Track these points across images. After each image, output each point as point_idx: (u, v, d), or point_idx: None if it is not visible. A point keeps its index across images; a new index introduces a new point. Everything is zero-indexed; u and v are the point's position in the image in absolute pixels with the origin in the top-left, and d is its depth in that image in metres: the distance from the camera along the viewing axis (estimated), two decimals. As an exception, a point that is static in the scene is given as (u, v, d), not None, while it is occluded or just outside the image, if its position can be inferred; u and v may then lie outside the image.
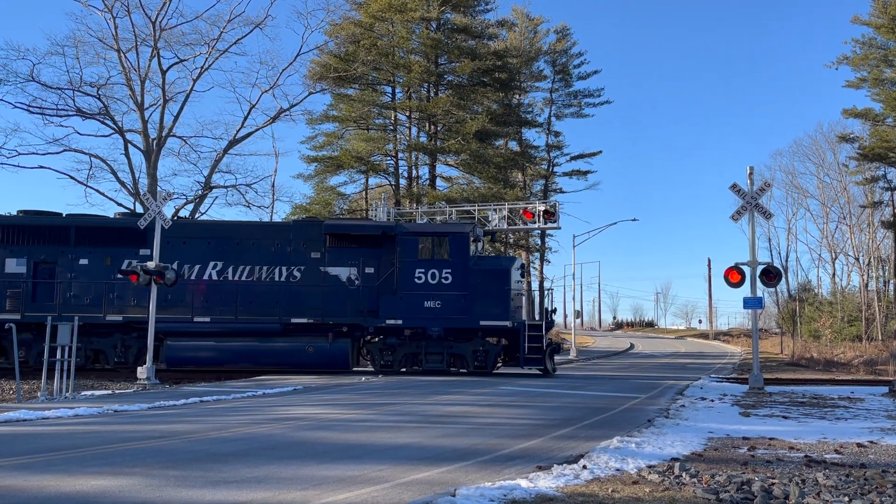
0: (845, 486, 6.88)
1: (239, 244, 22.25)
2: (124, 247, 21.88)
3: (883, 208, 50.53)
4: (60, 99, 34.50)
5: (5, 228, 21.75)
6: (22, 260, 21.61)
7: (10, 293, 21.31)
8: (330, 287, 21.92)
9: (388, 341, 22.08)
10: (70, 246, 21.85)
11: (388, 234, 21.98)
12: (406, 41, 39.50)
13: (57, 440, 9.24)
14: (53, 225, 21.95)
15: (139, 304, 21.38)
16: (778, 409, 14.10)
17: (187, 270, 21.95)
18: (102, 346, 21.77)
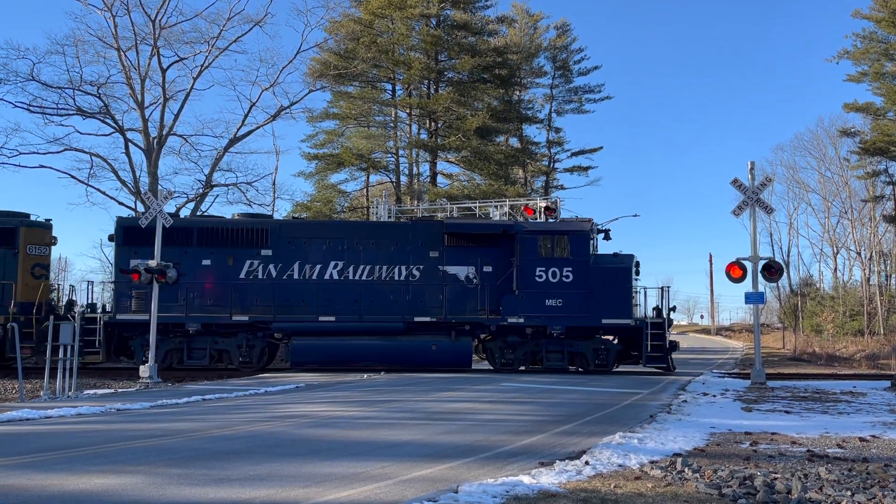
0: (848, 481, 6.89)
1: (359, 244, 22.32)
2: (245, 247, 22.03)
3: (884, 202, 50.45)
4: (61, 98, 34.46)
5: (129, 230, 21.84)
6: (146, 261, 21.58)
7: (136, 294, 21.43)
8: (449, 286, 22.01)
9: (509, 340, 22.04)
10: (192, 247, 21.96)
11: (508, 233, 21.94)
12: (406, 38, 39.43)
13: (60, 439, 9.26)
14: (177, 226, 21.98)
15: (262, 304, 21.69)
16: (780, 403, 14.11)
17: (308, 270, 22.06)
18: (227, 346, 21.87)
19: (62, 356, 15.83)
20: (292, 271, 22.00)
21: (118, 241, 21.96)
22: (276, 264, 22.00)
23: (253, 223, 22.45)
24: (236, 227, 22.37)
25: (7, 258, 21.67)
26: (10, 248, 21.79)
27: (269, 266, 21.95)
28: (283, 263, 21.99)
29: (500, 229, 22.28)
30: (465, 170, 43.09)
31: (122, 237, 21.93)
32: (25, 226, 22.34)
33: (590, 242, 22.12)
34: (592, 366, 21.78)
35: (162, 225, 20.18)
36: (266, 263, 21.93)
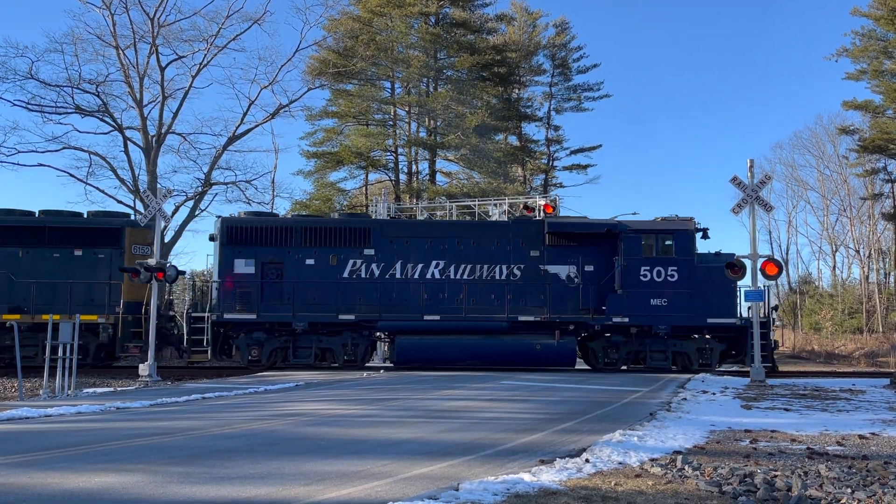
0: (848, 478, 6.89)
1: (459, 243, 22.33)
2: (348, 247, 22.09)
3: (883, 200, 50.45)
4: (59, 96, 34.41)
5: (232, 230, 21.96)
6: (250, 261, 21.81)
7: (241, 293, 21.57)
8: (550, 285, 21.98)
9: (613, 339, 21.98)
10: (295, 246, 22.00)
11: (612, 232, 21.86)
12: (405, 36, 39.40)
13: (59, 438, 9.25)
14: (280, 226, 22.17)
15: (365, 303, 21.79)
16: (779, 401, 14.12)
17: (410, 269, 22.13)
18: (331, 344, 21.91)
19: (61, 355, 15.82)
20: (394, 270, 22.09)
21: (221, 241, 21.95)
22: (379, 263, 22.10)
23: (356, 222, 22.61)
24: (339, 227, 22.44)
25: (114, 258, 21.84)
26: (117, 248, 21.97)
27: (372, 265, 22.07)
28: (385, 263, 22.09)
29: (603, 228, 22.22)
30: (464, 168, 43.08)
31: (226, 236, 21.97)
32: (130, 226, 22.55)
33: (694, 241, 22.14)
34: (696, 365, 21.70)
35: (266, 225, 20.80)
36: (369, 263, 22.04)
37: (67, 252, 21.77)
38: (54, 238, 21.82)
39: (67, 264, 21.67)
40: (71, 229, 22.03)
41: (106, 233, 22.06)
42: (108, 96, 35.26)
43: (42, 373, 16.28)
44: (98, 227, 22.18)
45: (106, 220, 22.78)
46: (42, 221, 22.27)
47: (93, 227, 22.18)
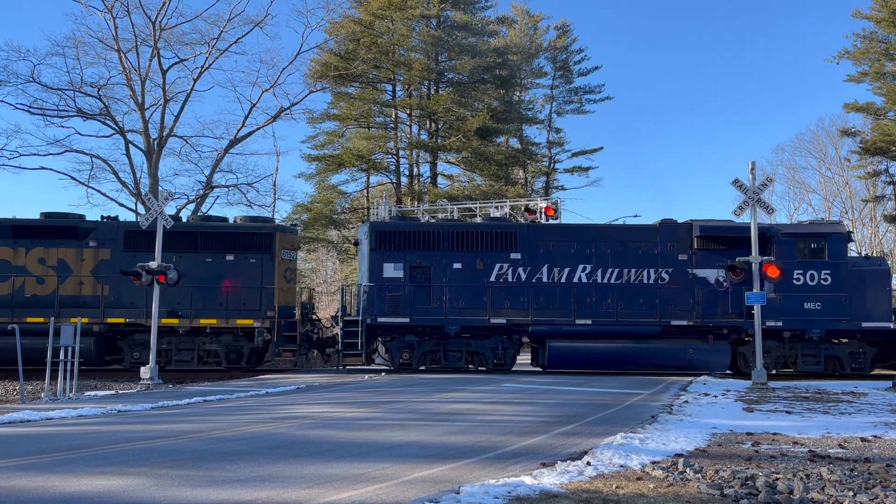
0: (850, 481, 6.88)
1: (606, 247, 22.29)
2: (495, 251, 22.12)
3: (885, 202, 50.38)
4: (61, 100, 34.54)
5: (381, 234, 22.11)
6: (399, 265, 21.94)
7: (390, 297, 21.70)
8: (699, 289, 21.89)
9: (766, 343, 21.53)
10: (443, 250, 22.08)
11: (764, 236, 21.57)
12: (406, 39, 39.42)
13: (61, 440, 9.26)
14: (427, 230, 22.30)
15: (512, 307, 21.80)
16: (781, 404, 14.09)
17: (557, 273, 22.11)
18: (481, 348, 21.93)
19: (63, 357, 15.82)
20: (541, 274, 22.07)
21: (371, 245, 22.05)
22: (526, 268, 22.09)
23: (502, 227, 22.63)
24: (486, 231, 22.46)
25: (265, 263, 22.03)
26: (268, 253, 22.12)
27: (519, 269, 22.08)
28: (531, 267, 22.08)
29: None
30: (465, 170, 43.06)
31: (375, 241, 22.08)
32: (280, 231, 22.78)
33: (846, 244, 22.02)
34: (848, 369, 21.59)
35: (413, 230, 21.26)
36: (515, 267, 22.05)
37: (220, 257, 21.96)
38: (207, 243, 22.02)
39: (220, 269, 21.88)
40: (224, 234, 22.21)
41: (258, 238, 22.23)
42: (110, 99, 35.40)
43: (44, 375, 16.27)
44: (250, 232, 22.33)
45: (258, 225, 23.02)
46: (196, 227, 22.56)
47: (245, 232, 22.32)
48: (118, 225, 22.41)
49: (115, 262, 21.61)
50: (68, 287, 21.38)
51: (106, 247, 21.80)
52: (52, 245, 21.59)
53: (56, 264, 21.50)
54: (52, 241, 21.56)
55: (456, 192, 39.36)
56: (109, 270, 21.53)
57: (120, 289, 21.46)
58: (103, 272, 21.61)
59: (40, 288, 21.41)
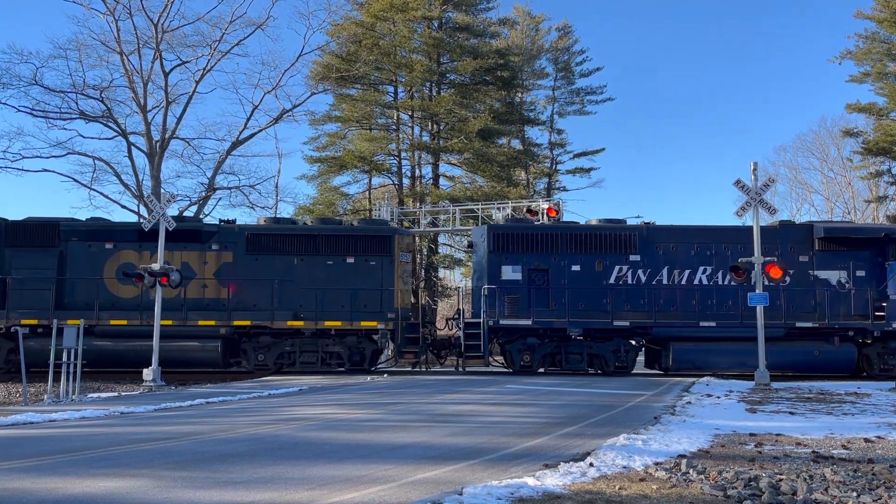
0: (853, 482, 6.87)
1: (726, 248, 22.23)
2: (614, 253, 22.09)
3: (888, 203, 50.32)
4: (63, 102, 34.61)
5: (498, 237, 22.17)
6: (517, 267, 21.95)
7: (508, 300, 21.69)
8: (821, 290, 21.80)
9: (891, 345, 21.68)
10: (561, 252, 22.08)
11: (889, 237, 21.58)
12: (408, 40, 39.43)
13: (64, 442, 9.26)
14: (545, 232, 22.30)
15: (633, 309, 21.80)
16: (784, 404, 14.07)
17: (677, 275, 22.13)
18: (601, 350, 21.88)
19: (66, 359, 15.84)
20: (661, 276, 22.08)
21: (489, 248, 22.09)
22: (645, 269, 22.11)
23: (620, 229, 22.58)
24: (605, 233, 22.41)
25: (385, 265, 22.13)
26: (388, 255, 22.21)
27: (638, 271, 22.12)
28: (651, 269, 22.10)
29: (881, 233, 22.04)
30: (467, 172, 43.04)
31: (493, 243, 22.11)
32: (398, 233, 22.92)
33: None
34: None
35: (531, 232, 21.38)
36: (635, 269, 22.08)
37: (340, 260, 22.06)
38: (328, 246, 22.10)
39: (340, 271, 21.98)
40: (344, 237, 22.31)
41: (378, 240, 22.29)
42: (112, 102, 35.48)
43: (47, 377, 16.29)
44: (370, 235, 22.39)
45: (377, 227, 23.17)
46: (316, 230, 22.62)
47: (365, 235, 22.39)
48: (240, 228, 22.62)
49: (238, 265, 21.87)
50: (192, 290, 21.55)
51: (228, 250, 22.00)
52: (176, 248, 21.71)
53: (180, 267, 21.64)
54: (175, 244, 21.65)
55: (458, 194, 39.37)
56: (232, 273, 21.78)
57: (242, 291, 21.63)
58: (226, 275, 21.79)
59: (165, 291, 21.40)
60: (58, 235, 21.68)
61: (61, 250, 21.62)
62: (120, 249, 21.78)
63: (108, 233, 22.12)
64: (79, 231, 21.92)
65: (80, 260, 21.66)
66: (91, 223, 22.70)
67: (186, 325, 21.08)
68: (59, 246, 21.63)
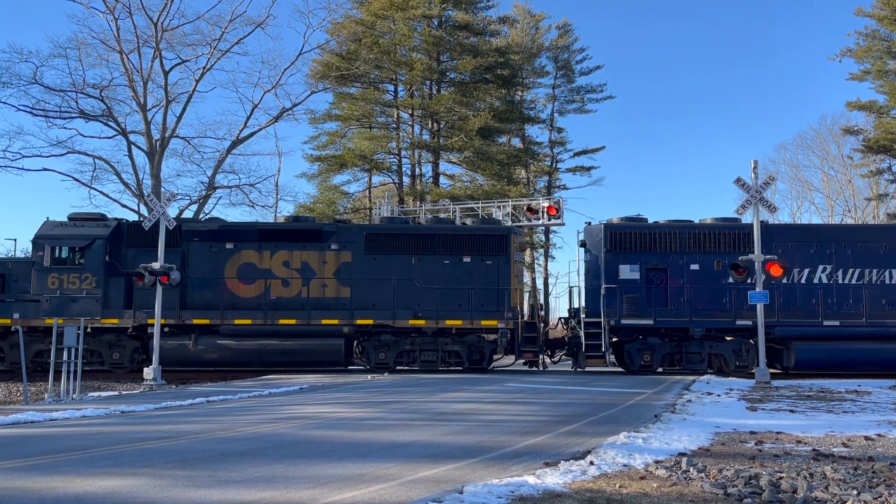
0: (853, 480, 6.87)
1: (846, 247, 22.09)
2: (732, 251, 21.76)
3: (888, 201, 50.31)
4: (63, 101, 34.60)
5: (616, 236, 22.03)
6: (635, 266, 21.89)
7: (627, 299, 21.64)
8: None
9: None
10: (679, 252, 22.00)
11: None
12: (408, 39, 39.42)
13: (65, 441, 9.27)
14: (663, 231, 22.24)
15: (752, 308, 21.19)
16: (785, 402, 14.07)
17: (797, 274, 21.93)
18: (722, 350, 21.79)
19: (66, 359, 15.85)
20: None
21: (606, 247, 22.01)
22: None
23: (738, 227, 22.45)
24: (722, 232, 22.32)
25: (501, 264, 22.13)
26: (504, 254, 22.20)
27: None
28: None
29: None
30: (467, 170, 43.05)
31: (610, 243, 22.05)
32: (514, 233, 22.96)
33: None
34: None
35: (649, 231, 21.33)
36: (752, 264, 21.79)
37: (457, 259, 22.08)
38: (445, 246, 22.16)
39: (457, 271, 21.99)
40: (461, 237, 22.35)
41: (494, 240, 22.30)
42: (112, 101, 35.46)
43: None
44: (487, 235, 22.41)
45: (493, 227, 23.20)
46: (434, 230, 22.71)
47: (482, 235, 22.41)
48: (358, 228, 22.85)
49: (357, 265, 21.97)
50: (312, 289, 21.69)
51: (347, 249, 22.10)
52: (296, 248, 21.95)
53: (300, 267, 21.82)
54: (295, 244, 21.92)
55: (458, 192, 39.36)
56: (351, 273, 21.89)
57: (362, 290, 21.75)
58: (345, 274, 21.89)
59: (285, 290, 21.76)
60: (179, 235, 21.84)
61: (182, 250, 21.80)
62: (240, 249, 21.97)
63: (228, 233, 22.34)
64: (200, 231, 22.19)
65: (201, 260, 21.87)
66: (212, 223, 23.19)
67: (310, 323, 21.30)
68: (181, 246, 21.79)
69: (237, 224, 23.47)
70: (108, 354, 21.38)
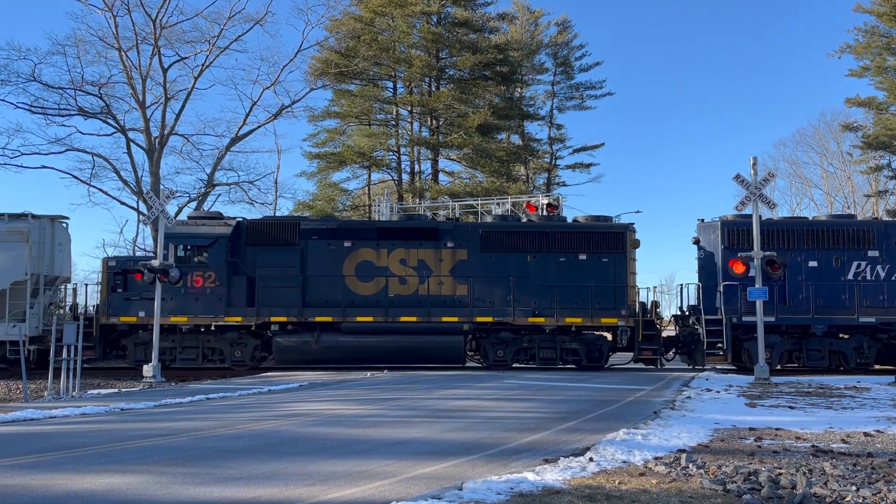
0: (852, 476, 6.88)
1: None
2: (851, 248, 21.80)
3: (887, 197, 50.32)
4: (62, 98, 34.50)
5: (733, 233, 21.93)
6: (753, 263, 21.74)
7: (745, 296, 21.04)
8: None
9: None
10: (797, 248, 21.87)
11: None
12: (407, 36, 39.37)
13: (64, 439, 9.27)
14: (780, 228, 22.13)
15: (872, 305, 21.44)
16: (784, 399, 14.08)
17: None
18: (842, 347, 21.67)
19: (66, 356, 15.85)
20: None
21: (724, 243, 21.91)
22: (884, 265, 21.82)
23: (857, 224, 22.37)
24: (840, 229, 22.16)
25: (617, 262, 22.02)
26: (620, 252, 22.07)
27: (877, 267, 21.83)
28: (890, 264, 21.84)
29: None
30: (466, 167, 43.03)
31: (727, 239, 21.95)
32: (629, 230, 22.78)
33: None
34: None
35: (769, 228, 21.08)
36: (874, 265, 21.77)
37: (572, 256, 21.92)
38: (561, 243, 22.06)
39: (573, 268, 21.83)
40: (577, 234, 22.22)
41: (610, 237, 22.15)
42: (111, 98, 35.37)
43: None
44: (603, 232, 22.26)
45: (608, 224, 22.99)
46: (549, 227, 22.60)
47: (599, 232, 22.26)
48: (473, 226, 22.76)
49: (473, 263, 21.90)
50: (429, 287, 21.71)
51: (463, 247, 22.03)
52: (412, 246, 21.94)
53: (416, 265, 21.81)
54: (411, 242, 21.95)
55: (457, 189, 39.35)
56: (468, 270, 21.85)
57: (479, 288, 21.74)
58: (461, 272, 21.87)
59: (402, 288, 21.75)
60: (298, 234, 21.92)
61: (301, 248, 21.86)
62: (358, 248, 21.97)
63: (347, 231, 22.43)
64: (319, 230, 22.20)
65: (320, 258, 21.87)
66: (330, 221, 23.36)
67: (430, 321, 21.34)
68: (300, 244, 21.86)
69: (355, 222, 23.96)
70: (229, 352, 21.51)
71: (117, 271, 21.27)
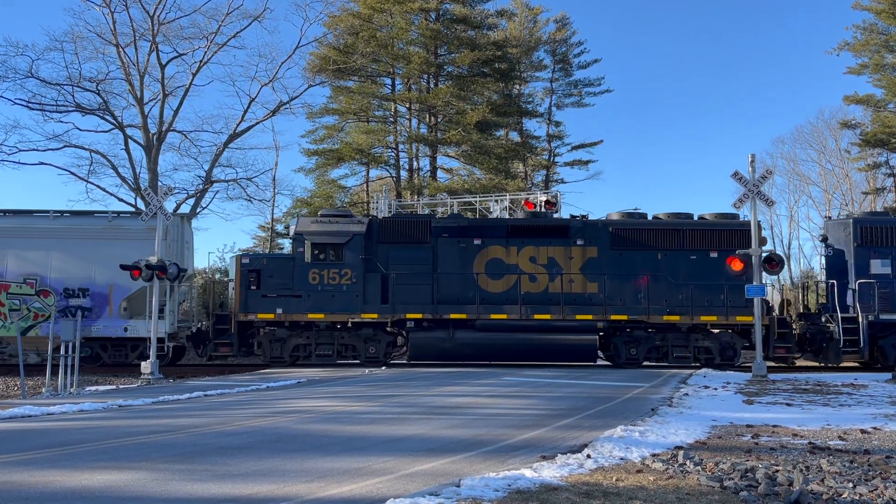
0: (849, 473, 6.89)
1: None
2: None
3: (885, 195, 50.34)
4: (60, 95, 34.44)
5: (866, 230, 21.93)
6: (886, 261, 21.77)
7: (880, 294, 21.39)
8: None
9: None
10: None
11: None
12: (405, 32, 39.31)
13: (62, 435, 9.27)
14: None
15: None
16: (781, 396, 14.11)
17: None
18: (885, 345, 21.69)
19: (63, 353, 15.84)
20: None
21: (856, 241, 21.87)
22: None
23: None
24: None
25: None
26: None
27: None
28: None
29: None
30: (465, 164, 42.99)
31: (860, 237, 21.89)
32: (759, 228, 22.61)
33: None
34: None
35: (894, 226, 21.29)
36: None
37: (703, 254, 21.86)
38: (691, 241, 22.00)
39: (704, 266, 21.76)
40: (708, 232, 22.12)
41: (741, 235, 21.79)
42: (109, 94, 35.32)
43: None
44: (734, 230, 22.01)
45: (739, 222, 22.55)
46: (679, 224, 22.45)
47: (729, 230, 22.07)
48: (603, 223, 22.63)
49: (603, 260, 21.88)
50: (558, 284, 21.70)
51: (592, 245, 22.03)
52: (542, 244, 21.97)
53: (546, 262, 21.79)
54: (541, 239, 21.98)
55: (456, 186, 39.33)
56: (598, 268, 21.82)
57: (610, 286, 21.70)
58: (591, 270, 21.84)
59: (532, 285, 21.75)
60: (429, 232, 22.04)
61: (432, 246, 21.98)
62: (488, 245, 22.04)
63: (476, 229, 22.47)
64: (449, 228, 22.29)
65: (451, 256, 21.98)
66: (461, 219, 23.45)
67: (565, 319, 21.38)
68: (430, 242, 22.00)
69: (485, 220, 23.83)
70: (363, 348, 21.67)
71: (251, 269, 21.52)
